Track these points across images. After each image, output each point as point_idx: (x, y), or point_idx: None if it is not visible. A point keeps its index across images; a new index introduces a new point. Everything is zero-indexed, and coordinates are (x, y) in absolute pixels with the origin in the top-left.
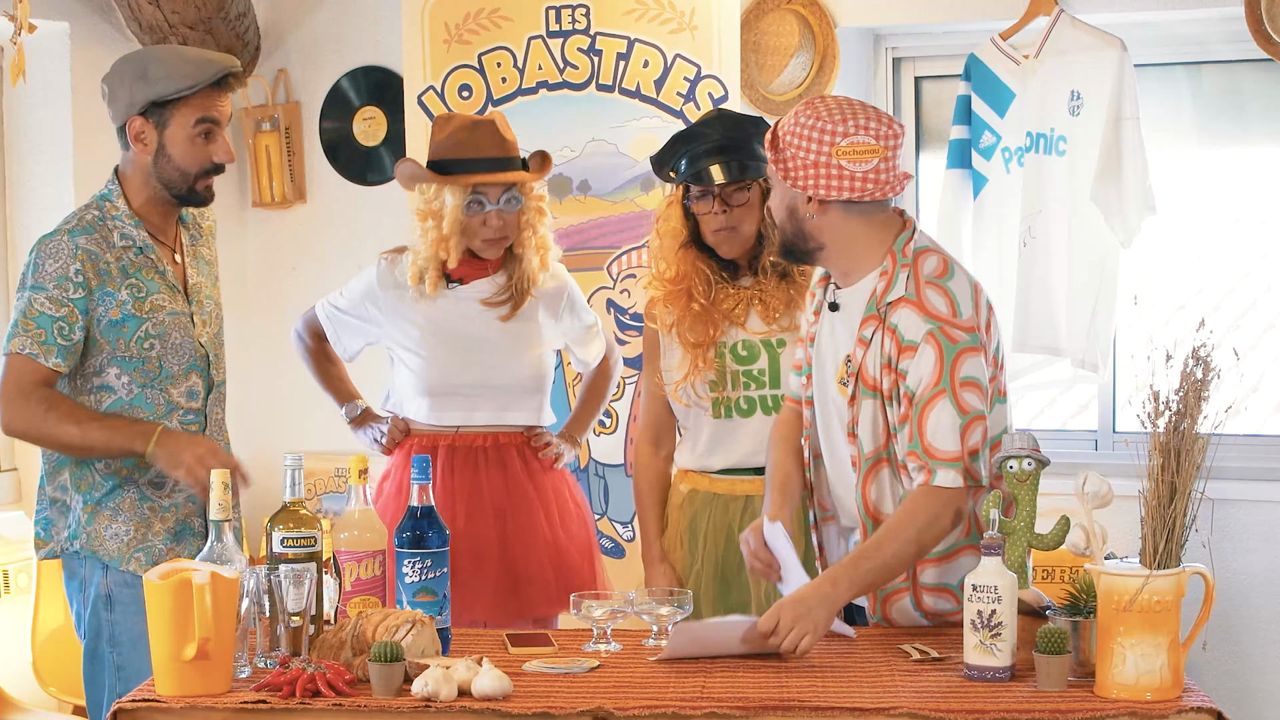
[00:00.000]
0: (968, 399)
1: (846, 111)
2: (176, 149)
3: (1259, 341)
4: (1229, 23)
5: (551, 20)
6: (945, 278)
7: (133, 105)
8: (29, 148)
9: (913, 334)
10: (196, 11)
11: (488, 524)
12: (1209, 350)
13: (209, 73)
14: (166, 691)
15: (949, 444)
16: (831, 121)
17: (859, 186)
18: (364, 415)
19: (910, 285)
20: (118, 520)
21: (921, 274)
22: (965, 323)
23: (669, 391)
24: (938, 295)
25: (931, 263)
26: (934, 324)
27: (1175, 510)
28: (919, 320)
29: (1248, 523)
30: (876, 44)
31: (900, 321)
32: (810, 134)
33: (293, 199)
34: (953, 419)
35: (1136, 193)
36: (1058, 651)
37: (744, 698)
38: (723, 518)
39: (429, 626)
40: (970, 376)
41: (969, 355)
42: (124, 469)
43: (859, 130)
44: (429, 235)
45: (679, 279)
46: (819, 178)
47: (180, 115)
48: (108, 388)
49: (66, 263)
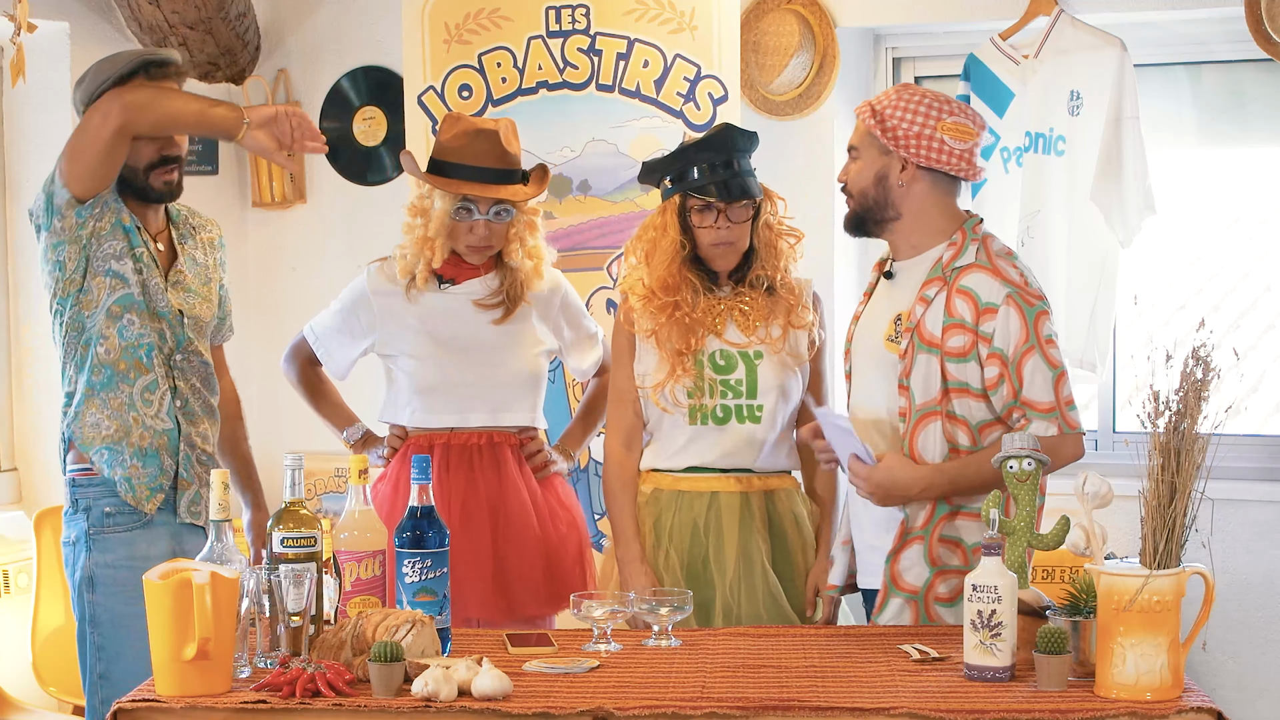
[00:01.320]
0: (1054, 355)
1: (947, 98)
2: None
3: (1259, 341)
4: (1229, 23)
5: (551, 20)
6: (1013, 257)
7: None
8: (29, 148)
9: (991, 297)
10: (196, 11)
11: (483, 523)
12: (1209, 350)
13: (129, 63)
14: (166, 691)
15: (1044, 395)
16: (937, 102)
17: (954, 162)
18: (365, 439)
19: (981, 255)
20: (103, 412)
21: (991, 248)
22: (1036, 291)
23: (646, 394)
24: (1008, 265)
25: (999, 243)
26: (1011, 288)
27: (1175, 510)
28: (996, 284)
29: (1248, 523)
30: (876, 44)
31: (976, 285)
32: (918, 107)
33: (293, 199)
34: (1045, 373)
35: (1137, 193)
36: (1058, 651)
37: (744, 698)
38: (688, 514)
39: (429, 626)
40: (1051, 334)
41: (1046, 317)
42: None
43: (960, 113)
44: (415, 232)
45: (670, 289)
46: (922, 146)
47: None
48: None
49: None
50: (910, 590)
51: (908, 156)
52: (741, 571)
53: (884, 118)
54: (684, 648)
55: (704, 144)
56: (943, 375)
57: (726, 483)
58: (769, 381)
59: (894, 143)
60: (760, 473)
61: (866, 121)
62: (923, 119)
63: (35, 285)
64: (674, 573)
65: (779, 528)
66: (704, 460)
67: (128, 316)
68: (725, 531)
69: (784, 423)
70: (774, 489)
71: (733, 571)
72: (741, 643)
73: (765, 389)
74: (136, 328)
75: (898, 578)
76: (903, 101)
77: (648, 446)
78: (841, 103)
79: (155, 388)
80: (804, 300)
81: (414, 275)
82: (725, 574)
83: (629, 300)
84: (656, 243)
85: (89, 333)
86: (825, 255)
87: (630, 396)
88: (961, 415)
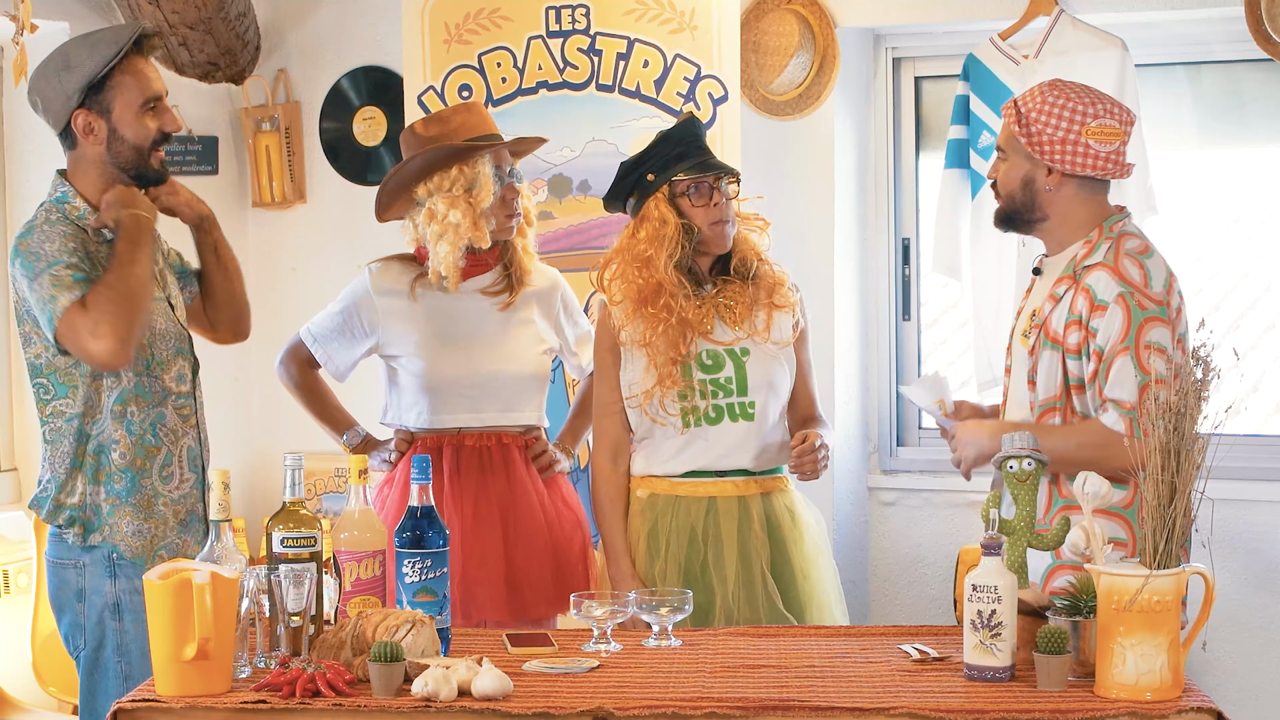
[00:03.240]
0: (1152, 362)
1: (1094, 95)
2: (127, 128)
3: (1259, 341)
4: (1229, 23)
5: (551, 20)
6: (1145, 255)
7: (70, 99)
8: (29, 148)
9: (1105, 294)
10: (196, 11)
11: (493, 525)
12: (1209, 350)
13: (126, 36)
14: (166, 691)
15: (1126, 395)
16: (1082, 103)
17: (1100, 165)
18: (365, 442)
19: (1110, 254)
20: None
21: (1123, 247)
22: (1155, 294)
23: (635, 404)
24: (1133, 265)
25: (1134, 241)
26: (1126, 288)
27: (1175, 510)
28: (1112, 283)
29: (1248, 523)
30: (876, 44)
31: (1095, 283)
32: (1062, 112)
33: (293, 199)
34: (1133, 375)
35: (1138, 193)
36: (1058, 651)
37: (744, 698)
38: (685, 520)
39: (429, 626)
40: (1156, 343)
41: (1156, 324)
42: (133, 456)
43: (1106, 114)
44: (464, 220)
45: (664, 294)
46: (1067, 153)
47: (122, 96)
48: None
49: (64, 242)
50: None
51: (1052, 165)
52: (742, 578)
53: (1028, 122)
54: (684, 648)
55: (674, 135)
56: (1064, 372)
57: (724, 487)
58: (758, 377)
59: (1038, 150)
60: (757, 474)
61: (1011, 125)
62: (1067, 124)
63: None
64: (671, 578)
65: (776, 525)
66: (701, 463)
67: (129, 409)
68: (724, 538)
69: (776, 418)
70: (770, 490)
71: (733, 580)
72: (741, 643)
73: (755, 385)
74: (139, 416)
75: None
76: (1047, 105)
77: (640, 452)
78: (841, 103)
79: (170, 459)
80: (785, 282)
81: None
82: (726, 582)
83: (612, 313)
84: (655, 240)
85: (96, 439)
86: (825, 255)
87: (615, 409)
88: (1082, 411)
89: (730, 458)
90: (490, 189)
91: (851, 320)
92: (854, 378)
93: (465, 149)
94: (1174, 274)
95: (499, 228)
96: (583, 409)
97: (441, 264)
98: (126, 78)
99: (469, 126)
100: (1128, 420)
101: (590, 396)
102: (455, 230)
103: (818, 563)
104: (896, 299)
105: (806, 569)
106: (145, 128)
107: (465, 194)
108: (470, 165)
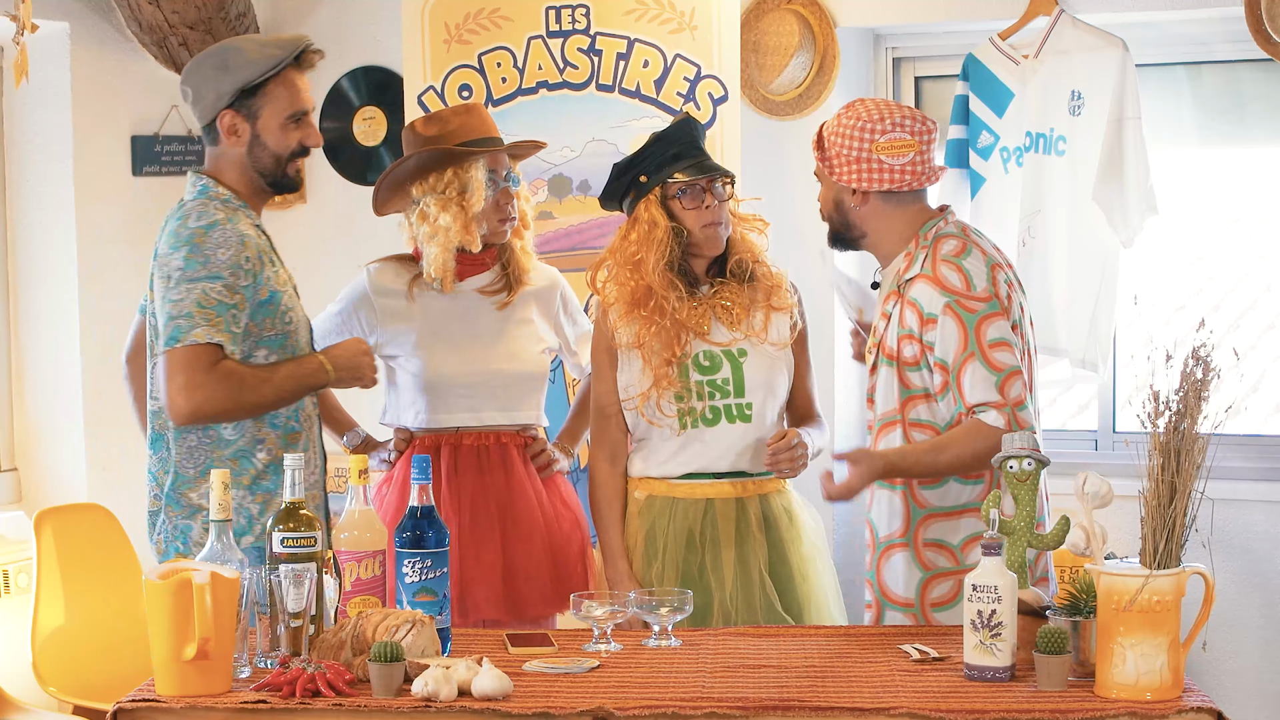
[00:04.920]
0: (999, 358)
1: (884, 110)
2: (271, 136)
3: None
4: (1229, 23)
5: (551, 20)
6: (960, 256)
7: (220, 98)
8: (29, 148)
9: (931, 307)
10: (196, 11)
11: (492, 524)
12: (1209, 350)
13: (289, 49)
14: (166, 691)
15: (990, 395)
16: (872, 120)
17: (897, 179)
18: (365, 444)
19: (928, 263)
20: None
21: (939, 254)
22: (980, 294)
23: (631, 406)
24: (952, 271)
25: (950, 245)
26: (950, 297)
27: (1175, 510)
28: (936, 294)
29: (1248, 523)
30: (876, 44)
31: (919, 296)
32: (851, 132)
33: (293, 199)
34: (986, 376)
35: (1139, 193)
36: (1058, 651)
37: (744, 698)
38: (683, 522)
39: (429, 626)
40: (998, 338)
41: (991, 320)
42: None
43: (895, 128)
44: (455, 224)
45: (656, 295)
46: (860, 171)
47: (271, 105)
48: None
49: (239, 251)
50: (904, 603)
51: (849, 185)
52: (739, 580)
53: (825, 146)
54: (684, 648)
55: (669, 136)
56: (902, 384)
57: (721, 489)
58: (756, 378)
59: (834, 173)
60: (755, 476)
61: (814, 151)
62: (856, 143)
63: (36, 285)
64: (669, 580)
65: (774, 526)
66: (699, 465)
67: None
68: (722, 540)
69: (774, 420)
70: (768, 492)
71: (731, 581)
72: (741, 643)
73: (753, 386)
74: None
75: (886, 590)
76: (840, 127)
77: (638, 454)
78: (841, 103)
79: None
80: (784, 283)
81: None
82: (724, 584)
83: (608, 315)
84: (645, 242)
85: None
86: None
87: (613, 411)
88: (926, 420)
89: (728, 459)
90: (482, 194)
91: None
92: (853, 378)
93: (458, 153)
94: (997, 263)
95: (491, 231)
96: (582, 409)
97: (432, 265)
98: (280, 89)
99: (467, 129)
100: (1005, 415)
101: (589, 396)
102: (446, 233)
103: (816, 563)
104: None
105: (804, 570)
106: (288, 139)
107: (458, 197)
108: (464, 169)
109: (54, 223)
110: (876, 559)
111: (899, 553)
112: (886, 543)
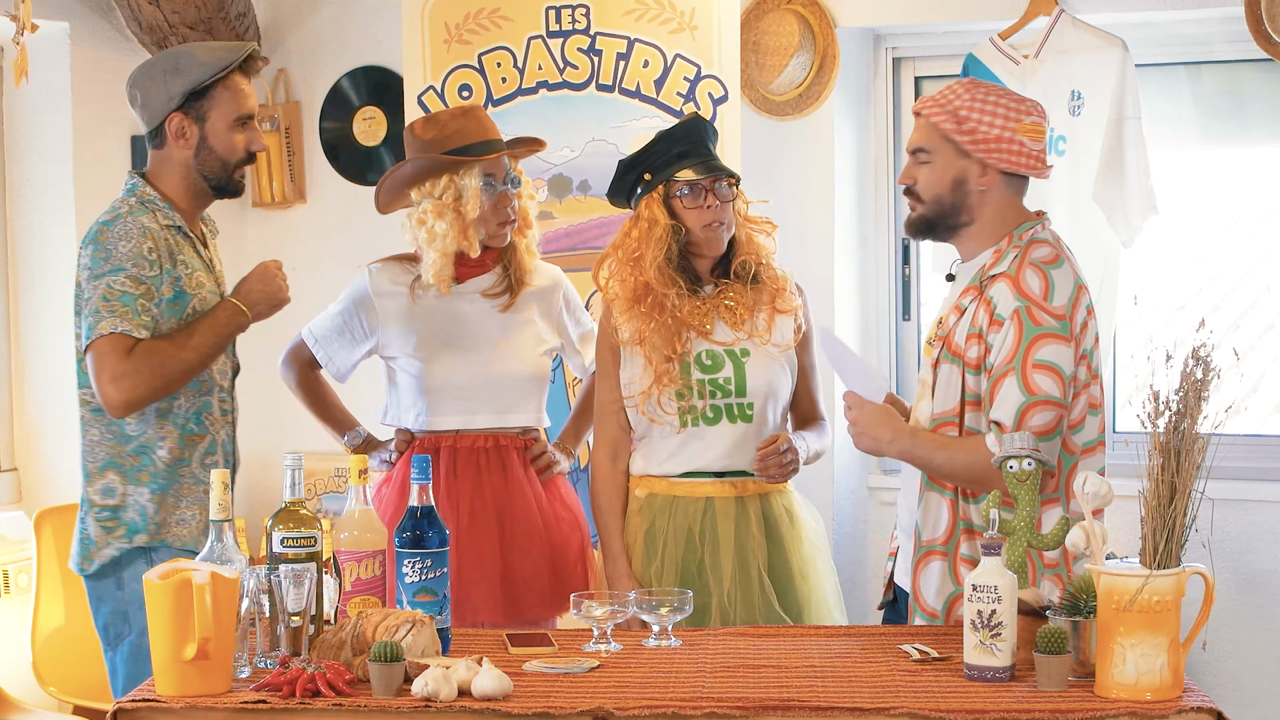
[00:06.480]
0: (1039, 381)
1: (1018, 95)
2: (218, 139)
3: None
4: (1229, 23)
5: (551, 20)
6: (1052, 265)
7: (170, 100)
8: (29, 148)
9: (1003, 309)
10: (196, 11)
11: (490, 526)
12: (1209, 350)
13: (237, 53)
14: (166, 691)
15: (1005, 417)
16: (1013, 101)
17: (1032, 163)
18: (366, 443)
19: (1014, 263)
20: (181, 505)
21: (1029, 256)
22: (1055, 309)
23: (634, 403)
24: (1036, 277)
25: (1043, 250)
26: (1023, 303)
27: (1175, 510)
28: (1011, 297)
29: (1248, 523)
30: (876, 44)
31: (996, 295)
32: (996, 109)
33: (293, 199)
34: (1017, 398)
35: (1139, 193)
36: (1058, 651)
37: (744, 698)
38: (683, 520)
39: (429, 626)
40: (1048, 361)
41: (1050, 340)
42: (178, 449)
43: (1034, 112)
44: (451, 230)
45: (656, 292)
46: (1003, 149)
47: (219, 108)
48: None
49: (139, 242)
50: (931, 613)
51: (990, 161)
52: (738, 579)
53: (962, 119)
54: (684, 648)
55: (675, 134)
56: (963, 387)
57: (721, 488)
58: (757, 379)
59: (975, 146)
60: (756, 477)
61: (942, 124)
62: (1003, 121)
63: (36, 285)
64: (668, 578)
65: (774, 526)
66: (699, 464)
67: (175, 402)
68: (721, 539)
69: (776, 421)
70: (768, 492)
71: (729, 580)
72: (741, 643)
73: (754, 386)
74: (183, 405)
75: (919, 595)
76: (979, 104)
77: (639, 452)
78: (841, 103)
79: (213, 447)
80: (788, 286)
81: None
82: (722, 583)
83: (611, 311)
84: (645, 239)
85: (137, 441)
86: (825, 255)
87: (615, 409)
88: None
89: (728, 459)
90: (477, 201)
91: (851, 320)
92: None
93: (450, 162)
94: (1085, 287)
95: (490, 235)
96: (584, 408)
97: (429, 270)
98: (227, 92)
99: (464, 133)
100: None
101: (592, 395)
102: (443, 239)
103: (816, 563)
104: (896, 299)
105: (805, 570)
106: (234, 142)
107: (454, 203)
108: (459, 175)
109: (54, 223)
110: (916, 561)
111: (937, 560)
112: (928, 547)
